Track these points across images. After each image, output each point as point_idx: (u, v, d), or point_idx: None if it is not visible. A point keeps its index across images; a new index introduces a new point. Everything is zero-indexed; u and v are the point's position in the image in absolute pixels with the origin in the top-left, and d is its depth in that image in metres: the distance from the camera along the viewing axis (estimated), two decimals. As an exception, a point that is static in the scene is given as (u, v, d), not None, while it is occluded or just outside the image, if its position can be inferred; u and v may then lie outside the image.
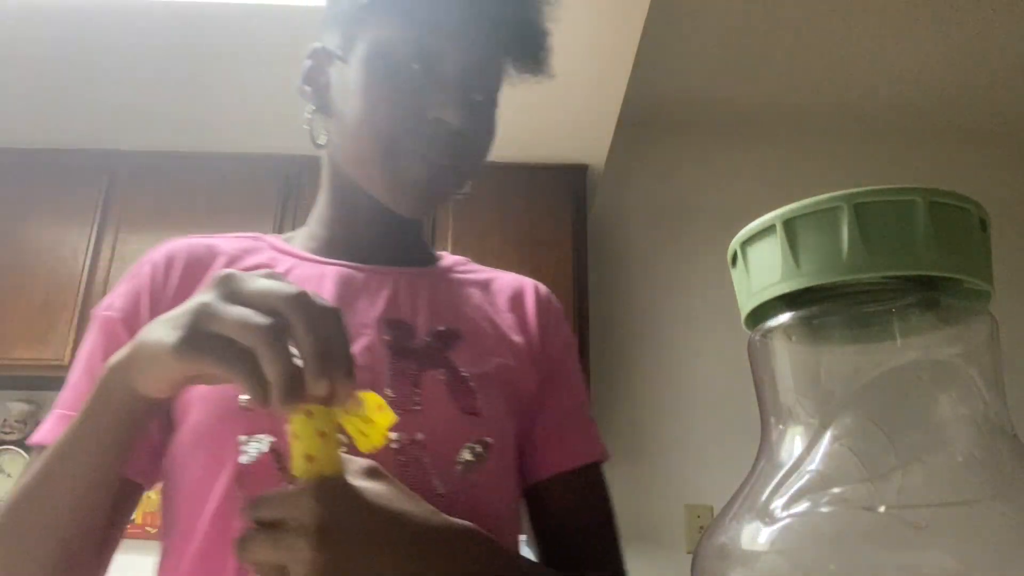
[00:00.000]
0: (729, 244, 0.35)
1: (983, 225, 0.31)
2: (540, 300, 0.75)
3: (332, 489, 0.42)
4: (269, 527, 0.42)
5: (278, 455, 0.56)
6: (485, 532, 0.51)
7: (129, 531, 0.66)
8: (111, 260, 2.35)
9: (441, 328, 0.66)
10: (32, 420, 2.45)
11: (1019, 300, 2.26)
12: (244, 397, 0.56)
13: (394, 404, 0.56)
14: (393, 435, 0.56)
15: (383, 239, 0.70)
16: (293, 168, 2.40)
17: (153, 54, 2.07)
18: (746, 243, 0.34)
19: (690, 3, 2.24)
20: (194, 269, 0.66)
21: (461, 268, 0.76)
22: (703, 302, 2.44)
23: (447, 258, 0.77)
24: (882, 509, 0.27)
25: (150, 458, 0.63)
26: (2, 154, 2.50)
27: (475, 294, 0.73)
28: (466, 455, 0.60)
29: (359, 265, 0.68)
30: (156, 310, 0.63)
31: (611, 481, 0.71)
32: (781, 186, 2.65)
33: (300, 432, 0.41)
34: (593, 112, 2.23)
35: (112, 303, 0.66)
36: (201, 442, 0.59)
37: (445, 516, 0.49)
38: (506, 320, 0.71)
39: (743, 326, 0.36)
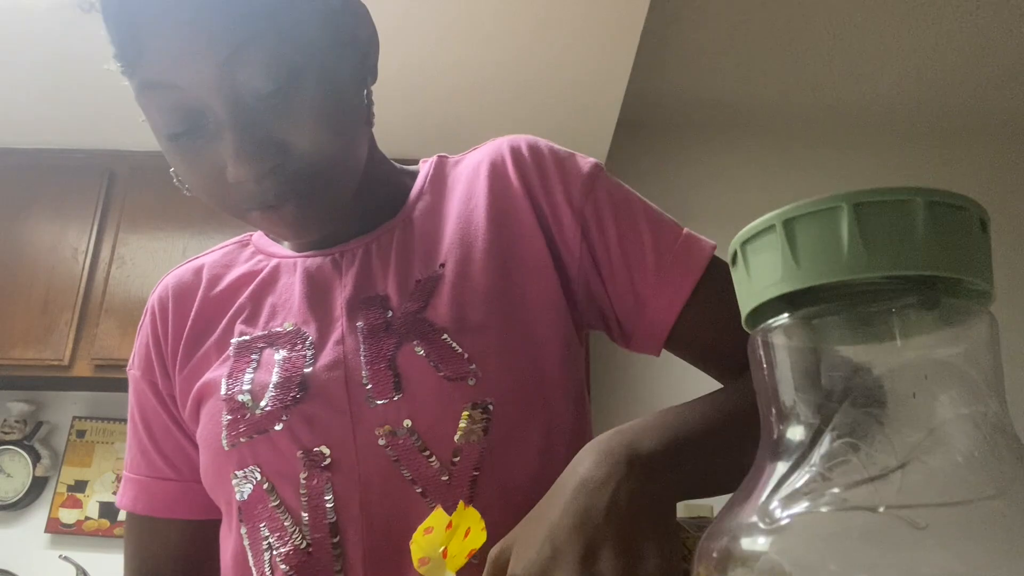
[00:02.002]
0: (729, 244, 0.35)
1: (983, 225, 0.31)
2: (522, 164, 0.64)
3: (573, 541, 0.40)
4: None
5: (271, 485, 0.56)
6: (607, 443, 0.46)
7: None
8: (111, 260, 2.35)
9: (418, 280, 0.60)
10: (32, 420, 2.46)
11: (1019, 300, 2.26)
12: (224, 435, 0.57)
13: (375, 395, 0.56)
14: (380, 429, 0.55)
15: (342, 217, 0.63)
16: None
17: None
18: (746, 243, 0.34)
19: (690, 3, 2.24)
20: (183, 302, 0.67)
21: (432, 183, 0.67)
22: (703, 302, 2.43)
23: (420, 175, 0.69)
24: (882, 509, 0.27)
25: (195, 497, 0.65)
26: (2, 154, 2.50)
27: (451, 210, 0.64)
28: (464, 425, 0.55)
29: (329, 249, 0.64)
30: (162, 358, 0.66)
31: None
32: (781, 186, 2.65)
33: None
34: (593, 112, 2.23)
35: (132, 359, 0.69)
36: (209, 486, 0.61)
37: (584, 472, 0.44)
38: (494, 223, 0.61)
39: (743, 326, 0.36)
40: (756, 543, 0.30)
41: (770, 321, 0.33)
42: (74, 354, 2.25)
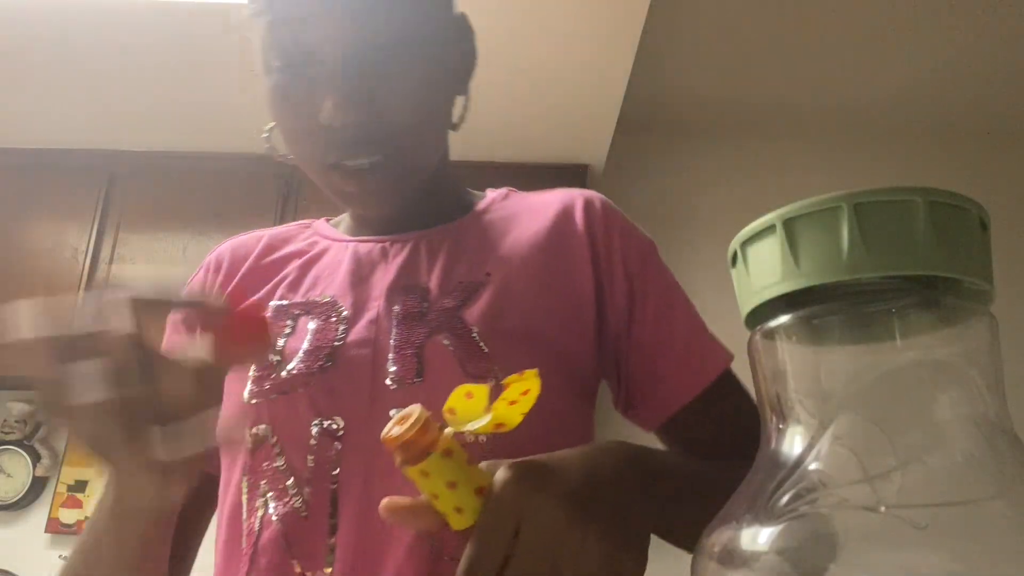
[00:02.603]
0: (729, 244, 0.35)
1: (983, 225, 0.31)
2: (593, 212, 0.67)
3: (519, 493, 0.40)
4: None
5: (275, 442, 0.57)
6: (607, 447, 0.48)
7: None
8: (111, 260, 2.35)
9: (461, 281, 0.61)
10: (32, 420, 2.45)
11: (1019, 300, 2.26)
12: (247, 389, 0.58)
13: (396, 378, 0.57)
14: (395, 411, 0.55)
15: (400, 211, 0.64)
16: (293, 168, 2.39)
17: (153, 54, 2.07)
18: (746, 243, 0.34)
19: (690, 3, 2.24)
20: (237, 262, 0.69)
21: (498, 205, 0.70)
22: (703, 302, 2.43)
23: (487, 197, 0.71)
24: (882, 509, 0.27)
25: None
26: (2, 154, 2.50)
27: (510, 231, 0.66)
28: None
29: (381, 237, 0.66)
30: None
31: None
32: (781, 186, 2.65)
33: (432, 491, 0.39)
34: (593, 112, 2.23)
35: None
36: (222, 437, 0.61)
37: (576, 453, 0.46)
38: (548, 251, 0.64)
39: (743, 326, 0.36)
40: (756, 543, 0.30)
41: (770, 321, 0.33)
42: (74, 354, 2.25)
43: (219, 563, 0.59)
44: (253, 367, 0.59)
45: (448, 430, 0.40)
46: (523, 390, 0.40)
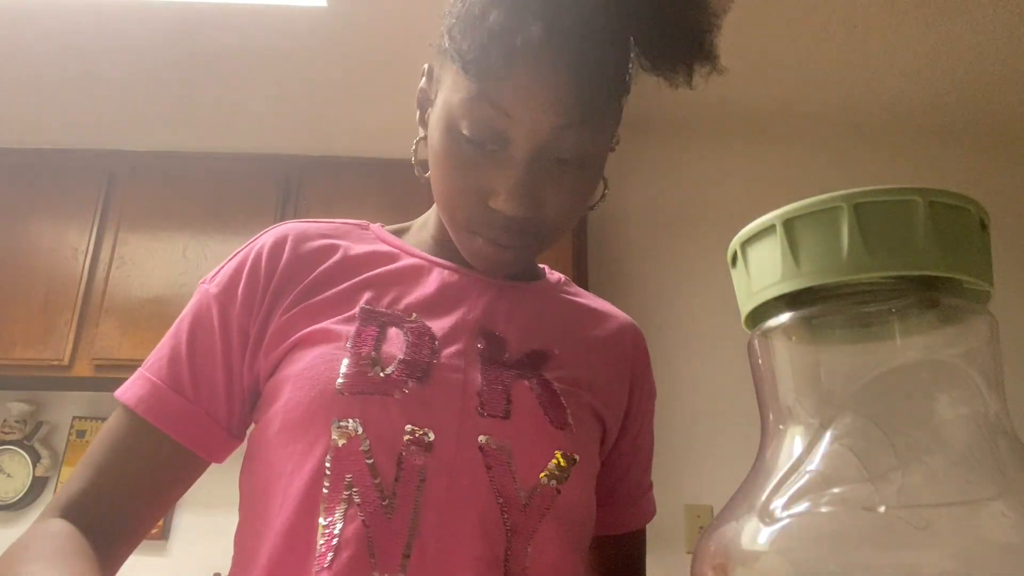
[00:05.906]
0: (729, 244, 0.35)
1: (983, 225, 0.31)
2: (639, 346, 0.76)
3: None
4: None
5: (364, 438, 0.57)
6: None
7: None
8: (111, 260, 2.35)
9: (534, 347, 0.66)
10: (32, 420, 2.45)
11: (1019, 300, 2.26)
12: (340, 381, 0.58)
13: (486, 410, 0.59)
14: (483, 438, 0.58)
15: None
16: (293, 168, 2.39)
17: (153, 54, 2.07)
18: (746, 243, 0.34)
19: (690, 3, 2.23)
20: (308, 251, 0.67)
21: (566, 289, 0.76)
22: (703, 302, 2.44)
23: (551, 275, 0.77)
24: (882, 509, 0.27)
25: (222, 435, 0.64)
26: (2, 154, 2.50)
27: (577, 320, 0.72)
28: (552, 467, 0.60)
29: (464, 270, 0.68)
30: (254, 292, 0.65)
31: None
32: (781, 186, 2.65)
33: None
34: (593, 112, 2.23)
35: (215, 276, 0.67)
36: (294, 421, 0.59)
37: None
38: (603, 357, 0.71)
39: (743, 326, 0.36)
40: (756, 543, 0.30)
41: (770, 321, 0.33)
42: (74, 354, 2.24)
43: (278, 543, 0.56)
44: (346, 361, 0.59)
45: None
46: None
